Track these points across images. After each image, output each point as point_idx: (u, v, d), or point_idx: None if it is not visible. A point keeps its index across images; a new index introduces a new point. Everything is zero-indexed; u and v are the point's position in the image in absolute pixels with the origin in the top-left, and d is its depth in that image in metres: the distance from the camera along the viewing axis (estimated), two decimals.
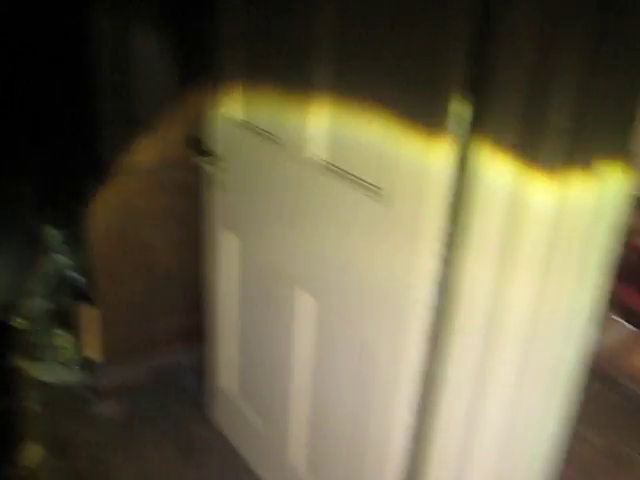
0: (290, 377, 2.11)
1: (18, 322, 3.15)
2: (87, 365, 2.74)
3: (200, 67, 2.18)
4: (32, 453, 2.43)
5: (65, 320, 2.70)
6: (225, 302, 2.41)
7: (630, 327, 3.28)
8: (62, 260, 2.66)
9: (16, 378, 2.87)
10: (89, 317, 2.55)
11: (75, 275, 2.64)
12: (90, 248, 2.46)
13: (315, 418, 2.08)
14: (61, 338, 2.73)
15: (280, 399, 2.18)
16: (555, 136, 1.22)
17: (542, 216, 1.28)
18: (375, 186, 1.59)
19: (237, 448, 2.54)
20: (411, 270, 1.53)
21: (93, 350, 2.60)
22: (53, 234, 2.64)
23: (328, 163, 1.75)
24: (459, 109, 1.33)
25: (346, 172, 1.69)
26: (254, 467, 2.46)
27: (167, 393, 2.87)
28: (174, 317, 2.73)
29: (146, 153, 2.43)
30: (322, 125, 1.74)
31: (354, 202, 1.66)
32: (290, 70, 1.80)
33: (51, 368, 2.97)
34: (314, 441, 2.11)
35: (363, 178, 1.64)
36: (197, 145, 2.38)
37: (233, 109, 2.11)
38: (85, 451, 2.55)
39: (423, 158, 1.42)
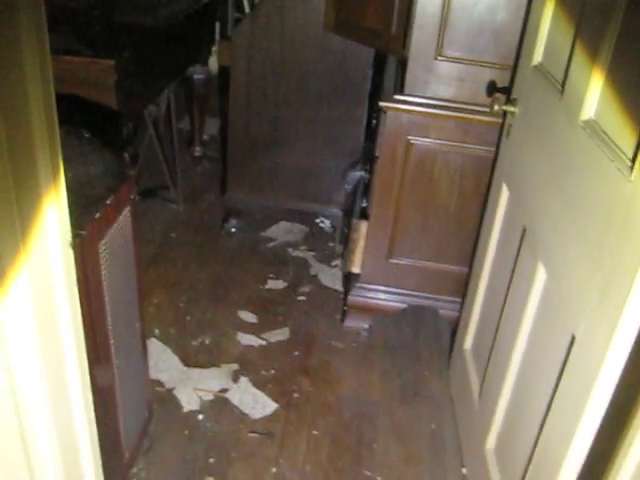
0: (510, 352, 1.89)
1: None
2: (348, 278, 2.82)
3: None
4: None
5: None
6: (484, 259, 2.25)
7: None
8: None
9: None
10: (361, 233, 2.60)
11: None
12: (375, 170, 2.49)
13: (514, 399, 1.86)
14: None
15: (498, 369, 1.98)
16: None
17: None
18: (626, 155, 1.30)
19: (455, 413, 2.41)
20: None
21: (356, 264, 2.66)
22: None
23: (596, 124, 1.47)
24: None
25: (606, 135, 1.40)
26: (461, 436, 2.32)
27: (417, 332, 2.84)
28: (444, 261, 2.63)
29: (460, 90, 2.33)
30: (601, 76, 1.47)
31: (602, 168, 1.38)
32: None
33: (331, 272, 3.17)
34: (507, 422, 1.90)
35: (618, 143, 1.35)
36: (497, 91, 2.24)
37: (535, 50, 1.90)
38: (321, 351, 2.69)
39: None
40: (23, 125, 1.03)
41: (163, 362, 2.53)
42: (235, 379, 2.50)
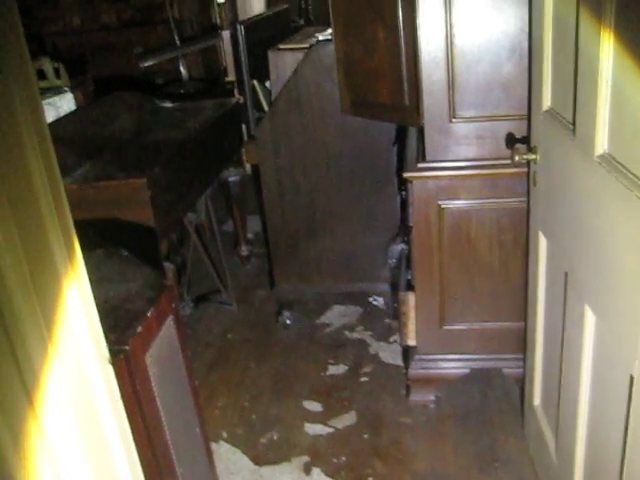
0: (576, 401, 1.83)
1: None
2: (406, 352, 2.77)
3: None
4: None
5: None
6: (536, 310, 2.20)
7: None
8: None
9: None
10: (410, 305, 2.58)
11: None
12: (411, 240, 2.49)
13: (589, 450, 1.78)
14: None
15: (568, 422, 1.91)
16: None
17: None
18: None
19: (537, 473, 2.31)
20: None
21: (411, 337, 2.63)
22: None
23: (611, 157, 1.46)
24: None
25: (622, 166, 1.39)
26: None
27: (485, 395, 2.76)
28: (499, 319, 2.57)
29: (481, 148, 2.35)
30: (606, 110, 1.47)
31: (623, 200, 1.36)
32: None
33: (390, 348, 3.14)
34: (588, 476, 1.81)
35: (635, 172, 1.33)
36: (517, 141, 2.25)
37: (544, 95, 1.92)
38: (390, 430, 2.63)
39: None
40: (42, 247, 1.08)
41: (234, 464, 2.51)
42: (307, 471, 2.46)
